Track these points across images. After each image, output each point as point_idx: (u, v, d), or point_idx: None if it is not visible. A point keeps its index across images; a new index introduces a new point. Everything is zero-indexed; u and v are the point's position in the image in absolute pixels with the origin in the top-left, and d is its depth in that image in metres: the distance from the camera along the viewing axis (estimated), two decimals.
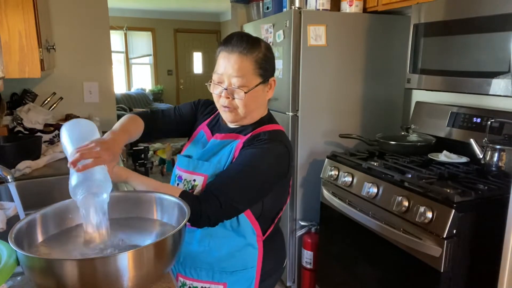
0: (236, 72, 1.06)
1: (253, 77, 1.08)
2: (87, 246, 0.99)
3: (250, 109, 1.10)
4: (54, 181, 1.73)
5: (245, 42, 1.08)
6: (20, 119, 2.07)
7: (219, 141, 1.15)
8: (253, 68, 1.07)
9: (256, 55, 1.08)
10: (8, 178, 1.32)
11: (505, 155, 1.62)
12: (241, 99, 1.07)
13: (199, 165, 1.13)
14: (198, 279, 1.15)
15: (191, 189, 1.13)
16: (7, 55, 1.59)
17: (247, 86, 1.06)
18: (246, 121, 1.14)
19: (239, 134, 1.14)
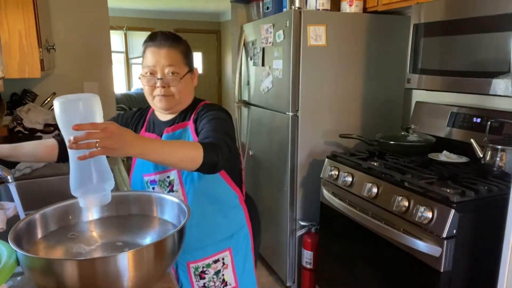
0: (168, 62, 1.18)
1: (183, 66, 1.21)
2: (87, 245, 0.99)
3: (183, 94, 1.22)
4: (54, 181, 1.73)
5: (171, 38, 1.22)
6: (20, 119, 2.07)
7: (172, 133, 1.23)
8: (182, 58, 1.21)
9: (182, 47, 1.22)
10: (8, 178, 1.32)
11: (505, 155, 1.62)
12: (176, 85, 1.19)
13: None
14: (206, 256, 1.26)
15: (169, 185, 1.22)
16: (7, 55, 1.59)
17: (179, 74, 1.19)
18: (179, 107, 1.25)
19: (184, 121, 1.24)
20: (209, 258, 1.26)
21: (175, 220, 1.01)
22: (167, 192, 1.23)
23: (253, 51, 2.66)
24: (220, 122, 1.17)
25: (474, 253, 1.47)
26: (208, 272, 1.27)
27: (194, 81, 1.28)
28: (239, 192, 1.32)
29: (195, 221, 1.19)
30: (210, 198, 1.24)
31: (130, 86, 8.37)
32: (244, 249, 1.33)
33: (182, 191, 1.22)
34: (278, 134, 2.39)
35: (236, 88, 2.93)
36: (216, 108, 1.24)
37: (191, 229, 1.18)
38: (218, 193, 1.26)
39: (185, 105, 1.27)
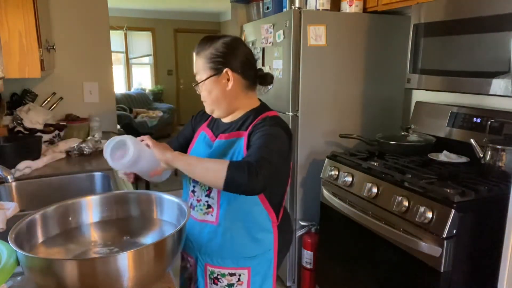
0: (195, 70, 1.23)
1: (204, 72, 1.21)
2: (87, 245, 0.99)
3: (214, 100, 1.23)
4: (54, 181, 1.73)
5: (200, 43, 1.23)
6: (20, 119, 2.07)
7: (224, 141, 1.23)
8: (204, 64, 1.21)
9: (207, 52, 1.20)
10: (8, 178, 1.32)
11: (505, 155, 1.62)
12: (203, 91, 1.23)
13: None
14: (224, 266, 1.25)
15: (209, 190, 1.22)
16: (7, 55, 1.59)
17: (199, 80, 1.22)
18: (221, 112, 1.25)
19: (240, 131, 1.22)
20: (226, 269, 1.25)
21: (175, 220, 1.01)
22: (205, 195, 1.23)
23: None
24: (271, 138, 1.12)
25: (474, 253, 1.47)
26: (222, 281, 1.26)
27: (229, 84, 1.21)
28: (274, 217, 1.26)
29: (221, 230, 1.22)
30: (242, 214, 1.22)
31: (130, 86, 8.37)
32: (265, 272, 1.29)
33: (218, 199, 1.21)
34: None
35: None
36: (274, 123, 1.18)
37: (216, 237, 1.23)
38: (252, 212, 1.22)
39: (227, 110, 1.25)
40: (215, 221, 1.22)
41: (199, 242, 1.27)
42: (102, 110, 2.69)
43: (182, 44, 8.62)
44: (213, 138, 1.28)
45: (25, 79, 1.95)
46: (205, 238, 1.25)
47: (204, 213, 1.24)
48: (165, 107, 7.85)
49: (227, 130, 1.25)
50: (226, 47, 1.21)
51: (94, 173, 1.79)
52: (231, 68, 1.20)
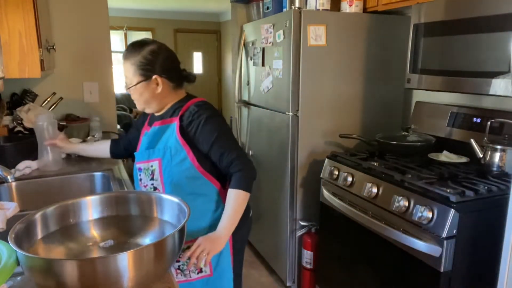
0: (124, 74, 1.35)
1: (132, 77, 1.33)
2: (87, 245, 0.99)
3: (145, 101, 1.37)
4: (54, 181, 1.73)
5: (129, 50, 1.34)
6: (20, 119, 2.07)
7: (158, 127, 1.38)
8: (134, 70, 1.32)
9: (136, 59, 1.31)
10: (8, 178, 1.32)
11: (505, 155, 1.62)
12: (132, 94, 1.36)
13: (151, 153, 1.36)
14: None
15: (151, 174, 1.36)
16: (7, 55, 1.59)
17: (129, 84, 1.34)
18: (157, 108, 1.40)
19: (172, 117, 1.37)
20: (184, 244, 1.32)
21: (175, 220, 1.01)
22: (149, 180, 1.37)
23: (253, 51, 2.66)
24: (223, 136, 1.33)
25: (474, 253, 1.47)
26: (182, 255, 1.29)
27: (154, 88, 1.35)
28: (218, 185, 1.39)
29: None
30: (186, 189, 1.34)
31: None
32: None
33: (161, 180, 1.35)
34: (278, 134, 2.39)
35: (236, 88, 2.93)
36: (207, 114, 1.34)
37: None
38: (195, 185, 1.35)
39: (163, 107, 1.40)
40: None
41: None
42: (102, 110, 2.69)
43: (182, 44, 8.62)
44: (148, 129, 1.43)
45: (25, 79, 1.95)
46: None
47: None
48: None
49: (159, 118, 1.40)
50: (152, 54, 1.33)
51: (94, 173, 1.79)
52: (159, 74, 1.33)
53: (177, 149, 1.32)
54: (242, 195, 1.31)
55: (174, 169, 1.33)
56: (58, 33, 2.49)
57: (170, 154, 1.33)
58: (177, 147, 1.32)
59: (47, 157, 1.77)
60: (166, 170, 1.33)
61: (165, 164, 1.33)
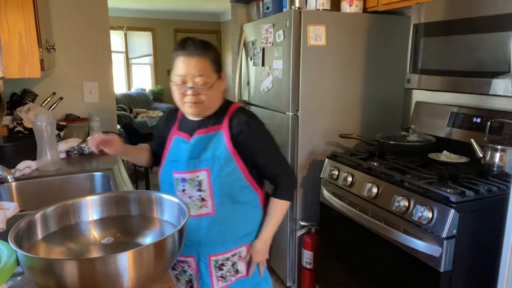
0: (198, 72, 1.22)
1: (212, 73, 1.25)
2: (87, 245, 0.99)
3: (213, 101, 1.29)
4: (54, 181, 1.73)
5: (200, 46, 1.25)
6: (20, 119, 2.07)
7: (203, 135, 1.31)
8: (211, 66, 1.25)
9: (211, 55, 1.26)
10: (8, 178, 1.32)
11: (505, 155, 1.62)
12: (206, 93, 1.24)
13: (197, 163, 1.29)
14: (226, 251, 1.36)
15: (198, 184, 1.30)
16: (7, 55, 1.59)
17: (209, 83, 1.24)
18: (208, 112, 1.31)
19: (216, 125, 1.31)
20: (228, 253, 1.36)
21: (175, 220, 1.01)
22: (197, 190, 1.31)
23: (253, 51, 2.66)
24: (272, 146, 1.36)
25: (474, 253, 1.47)
26: (226, 264, 1.37)
27: (222, 86, 1.32)
28: (260, 193, 1.40)
29: (218, 218, 1.32)
30: (234, 199, 1.32)
31: (130, 86, 8.37)
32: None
33: (210, 191, 1.29)
34: (278, 134, 2.39)
35: (236, 88, 2.93)
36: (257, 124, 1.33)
37: (215, 226, 1.33)
38: (242, 194, 1.34)
39: (214, 109, 1.32)
40: (211, 211, 1.31)
41: (197, 238, 1.34)
42: (102, 110, 2.69)
43: None
44: (187, 136, 1.34)
45: (25, 79, 1.94)
46: (204, 231, 1.33)
47: (198, 207, 1.31)
48: (165, 107, 7.84)
49: (201, 126, 1.32)
50: (217, 51, 1.31)
51: (94, 173, 1.79)
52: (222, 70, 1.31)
53: (227, 158, 1.28)
54: (286, 205, 1.38)
55: (224, 179, 1.29)
56: (58, 33, 2.49)
57: (219, 164, 1.27)
58: (227, 156, 1.28)
59: (46, 157, 1.77)
60: (216, 180, 1.28)
61: (215, 174, 1.28)
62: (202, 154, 1.29)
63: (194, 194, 1.31)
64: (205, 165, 1.28)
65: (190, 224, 1.28)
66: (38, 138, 1.75)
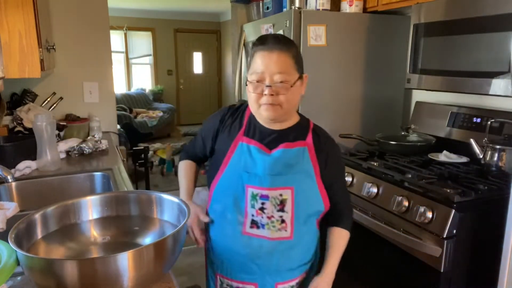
0: (279, 68, 1.08)
1: (293, 72, 1.11)
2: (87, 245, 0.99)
3: (292, 104, 1.14)
4: (54, 181, 1.73)
5: (282, 41, 1.12)
6: (20, 119, 2.07)
7: (290, 150, 1.16)
8: (293, 63, 1.11)
9: (293, 51, 1.12)
10: (8, 178, 1.32)
11: (505, 155, 1.62)
12: (285, 94, 1.09)
13: (282, 180, 1.14)
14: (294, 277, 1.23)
15: (280, 204, 1.14)
16: (7, 55, 1.59)
17: (289, 81, 1.09)
18: (284, 118, 1.17)
19: (300, 140, 1.18)
20: (293, 281, 1.24)
21: (175, 220, 1.01)
22: (277, 210, 1.15)
23: None
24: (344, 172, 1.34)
25: (474, 253, 1.47)
26: None
27: (302, 90, 1.18)
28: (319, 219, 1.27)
29: (294, 244, 1.18)
30: (308, 222, 1.21)
31: (130, 86, 8.38)
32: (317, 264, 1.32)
33: (292, 212, 1.15)
34: None
35: (236, 88, 2.93)
36: (337, 146, 1.28)
37: (290, 252, 1.19)
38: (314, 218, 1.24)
39: (290, 116, 1.19)
40: (290, 235, 1.16)
41: (268, 264, 1.18)
42: (102, 110, 2.69)
43: (182, 44, 8.62)
44: (264, 147, 1.17)
45: (25, 79, 1.94)
46: (277, 257, 1.18)
47: (277, 230, 1.15)
48: (165, 107, 7.85)
49: (285, 139, 1.17)
50: (298, 50, 1.19)
51: (94, 173, 1.79)
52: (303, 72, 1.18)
53: (311, 179, 1.16)
54: (348, 236, 1.30)
55: (307, 201, 1.17)
56: (58, 33, 2.49)
57: (305, 183, 1.16)
58: (311, 176, 1.16)
59: (46, 157, 1.77)
60: (301, 201, 1.15)
61: (300, 194, 1.15)
62: (286, 170, 1.14)
63: (274, 214, 1.14)
64: (291, 183, 1.14)
65: (263, 248, 1.16)
66: (38, 138, 1.75)
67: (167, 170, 5.18)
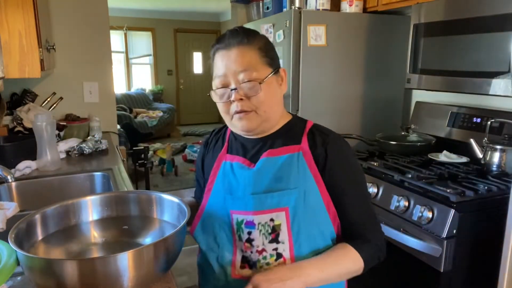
0: (241, 65, 0.89)
1: (262, 66, 0.91)
2: (87, 246, 0.99)
3: (270, 106, 0.92)
4: (54, 181, 1.73)
5: (241, 33, 0.92)
6: (20, 119, 2.07)
7: (274, 158, 0.93)
8: (260, 57, 0.91)
9: (258, 42, 0.93)
10: (8, 178, 1.32)
11: (505, 155, 1.62)
12: (257, 93, 0.89)
13: (270, 199, 0.90)
14: None
15: (273, 232, 0.91)
16: (7, 55, 1.59)
17: (258, 78, 0.89)
18: (267, 125, 0.94)
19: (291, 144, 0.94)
20: None
21: (175, 220, 1.01)
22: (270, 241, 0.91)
23: None
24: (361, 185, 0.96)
25: (474, 253, 1.47)
26: None
27: (282, 86, 0.97)
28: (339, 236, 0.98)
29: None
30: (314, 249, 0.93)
31: (130, 86, 8.38)
32: None
33: (290, 243, 0.91)
34: None
35: None
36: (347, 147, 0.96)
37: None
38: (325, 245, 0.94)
39: (275, 120, 0.96)
40: None
41: None
42: (102, 110, 2.69)
43: (182, 44, 8.63)
44: (245, 160, 0.97)
45: (25, 79, 1.95)
46: None
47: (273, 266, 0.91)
48: (165, 107, 7.86)
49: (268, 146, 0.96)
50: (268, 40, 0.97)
51: (94, 173, 1.79)
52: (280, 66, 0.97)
53: (312, 193, 0.91)
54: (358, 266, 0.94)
55: (311, 225, 0.91)
56: (58, 33, 2.49)
57: (303, 199, 0.89)
58: (311, 189, 0.90)
59: (46, 157, 1.77)
60: (301, 226, 0.90)
61: (298, 215, 0.89)
62: (274, 185, 0.91)
63: (266, 247, 0.91)
64: (284, 203, 0.89)
65: None
66: (38, 138, 1.75)
67: (167, 170, 5.18)
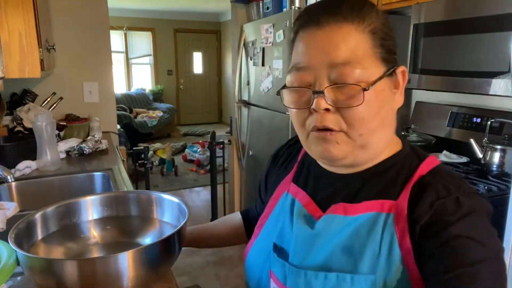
0: (340, 56, 0.56)
1: (373, 62, 0.59)
2: (87, 245, 0.99)
3: (372, 127, 0.61)
4: (54, 181, 1.73)
5: (345, 3, 0.59)
6: (20, 119, 2.07)
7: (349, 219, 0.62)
8: (371, 46, 0.59)
9: (372, 21, 0.60)
10: (8, 178, 1.32)
11: (505, 155, 1.62)
12: (358, 105, 0.57)
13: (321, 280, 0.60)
14: None
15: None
16: (7, 55, 1.59)
17: (362, 80, 0.57)
18: (364, 157, 0.63)
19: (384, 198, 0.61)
20: None
21: (175, 220, 1.01)
22: None
23: (253, 51, 2.66)
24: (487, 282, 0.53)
25: None
26: None
27: (397, 97, 0.67)
28: None
29: None
30: None
31: (130, 86, 8.38)
32: None
33: None
34: (278, 134, 2.39)
35: (236, 88, 2.93)
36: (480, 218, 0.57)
37: None
38: None
39: (375, 151, 0.65)
40: None
41: None
42: (102, 110, 2.69)
43: (182, 44, 8.63)
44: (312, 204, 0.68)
45: (25, 79, 1.95)
46: None
47: None
48: (165, 107, 7.86)
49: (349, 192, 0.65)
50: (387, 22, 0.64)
51: (94, 173, 1.79)
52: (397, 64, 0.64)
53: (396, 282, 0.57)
54: None
55: None
56: (58, 33, 2.49)
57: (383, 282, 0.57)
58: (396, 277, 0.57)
59: (46, 157, 1.77)
60: None
61: None
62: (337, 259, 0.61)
63: None
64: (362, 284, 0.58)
65: None
66: (38, 138, 1.75)
67: (167, 170, 5.18)
